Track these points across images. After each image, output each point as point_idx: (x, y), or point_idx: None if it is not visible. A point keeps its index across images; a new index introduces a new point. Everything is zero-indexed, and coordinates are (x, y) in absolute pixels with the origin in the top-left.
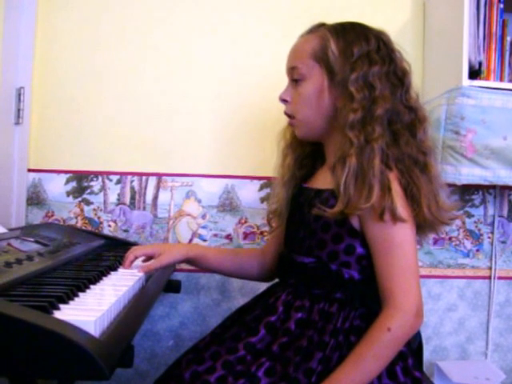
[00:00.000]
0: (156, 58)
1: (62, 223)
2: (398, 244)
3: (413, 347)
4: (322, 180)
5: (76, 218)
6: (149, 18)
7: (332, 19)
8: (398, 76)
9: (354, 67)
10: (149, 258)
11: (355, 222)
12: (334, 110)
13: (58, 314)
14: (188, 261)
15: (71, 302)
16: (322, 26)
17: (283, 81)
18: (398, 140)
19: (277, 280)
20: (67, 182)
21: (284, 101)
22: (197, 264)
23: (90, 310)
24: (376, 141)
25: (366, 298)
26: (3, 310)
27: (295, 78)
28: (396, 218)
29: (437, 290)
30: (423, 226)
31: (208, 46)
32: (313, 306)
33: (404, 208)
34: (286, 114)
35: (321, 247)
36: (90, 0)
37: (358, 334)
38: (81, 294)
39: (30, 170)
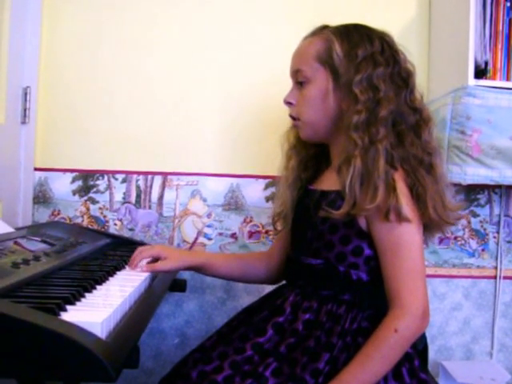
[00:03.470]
0: (162, 58)
1: (68, 222)
2: (404, 245)
3: (418, 348)
4: (328, 181)
5: (82, 216)
6: (155, 17)
7: (337, 18)
8: (402, 77)
9: (359, 69)
10: (155, 259)
11: (363, 223)
12: (339, 112)
13: (64, 316)
14: (193, 268)
15: (78, 303)
16: (325, 28)
17: (290, 81)
18: (402, 141)
19: (284, 281)
20: (73, 180)
21: (289, 103)
22: (203, 271)
23: (97, 312)
24: (380, 142)
25: (374, 299)
26: (11, 313)
27: (300, 80)
28: (401, 218)
29: (442, 290)
30: (429, 226)
31: (215, 46)
32: (321, 307)
33: (409, 208)
34: (290, 116)
35: (329, 249)
36: (95, 0)
37: (365, 335)
38: (87, 294)
39: (36, 169)
